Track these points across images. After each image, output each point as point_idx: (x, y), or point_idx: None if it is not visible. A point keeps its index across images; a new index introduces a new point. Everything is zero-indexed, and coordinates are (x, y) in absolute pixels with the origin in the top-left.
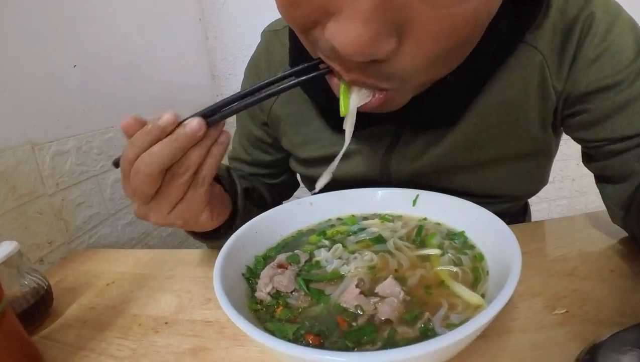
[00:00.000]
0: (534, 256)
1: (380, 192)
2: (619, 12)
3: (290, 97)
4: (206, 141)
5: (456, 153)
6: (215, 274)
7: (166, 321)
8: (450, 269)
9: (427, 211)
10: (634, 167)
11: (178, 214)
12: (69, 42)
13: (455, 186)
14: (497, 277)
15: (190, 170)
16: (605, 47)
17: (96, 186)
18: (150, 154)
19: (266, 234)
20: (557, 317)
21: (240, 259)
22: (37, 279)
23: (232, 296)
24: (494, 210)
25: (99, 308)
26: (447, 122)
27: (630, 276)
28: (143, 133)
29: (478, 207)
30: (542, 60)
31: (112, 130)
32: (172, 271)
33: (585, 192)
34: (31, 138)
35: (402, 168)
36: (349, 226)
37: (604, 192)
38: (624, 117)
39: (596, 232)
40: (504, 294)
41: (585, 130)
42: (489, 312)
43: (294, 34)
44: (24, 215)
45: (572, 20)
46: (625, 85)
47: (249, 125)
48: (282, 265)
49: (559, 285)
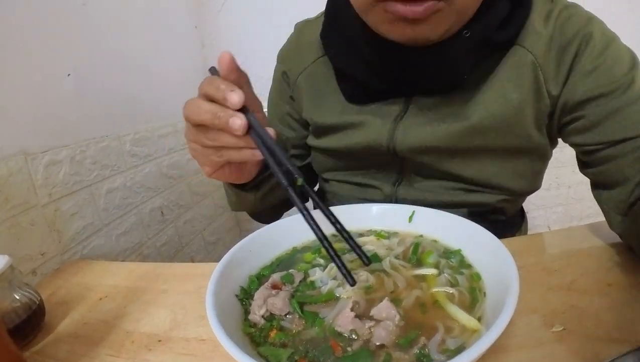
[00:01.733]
0: (531, 270)
1: (374, 207)
2: (615, 36)
3: (315, 70)
4: (240, 142)
5: (457, 136)
6: (208, 298)
7: (159, 339)
8: (447, 290)
9: (423, 227)
10: (627, 172)
11: (200, 161)
12: (62, 50)
13: (453, 170)
14: (495, 298)
15: (215, 143)
16: (602, 61)
17: (90, 196)
18: (199, 104)
19: (260, 251)
20: (555, 334)
21: (234, 279)
22: (28, 293)
23: (226, 318)
24: (489, 200)
25: (92, 323)
26: (453, 85)
27: (628, 289)
28: (213, 85)
29: (474, 225)
30: (535, 62)
31: (106, 139)
32: (166, 284)
33: (581, 199)
34: (24, 148)
35: (407, 139)
36: (345, 243)
37: (600, 198)
38: (616, 122)
39: (594, 244)
40: (501, 321)
41: (581, 135)
42: (485, 341)
43: (329, 10)
44: (17, 226)
45: (571, 36)
46: (618, 93)
47: (278, 102)
48: (276, 285)
49: (557, 300)
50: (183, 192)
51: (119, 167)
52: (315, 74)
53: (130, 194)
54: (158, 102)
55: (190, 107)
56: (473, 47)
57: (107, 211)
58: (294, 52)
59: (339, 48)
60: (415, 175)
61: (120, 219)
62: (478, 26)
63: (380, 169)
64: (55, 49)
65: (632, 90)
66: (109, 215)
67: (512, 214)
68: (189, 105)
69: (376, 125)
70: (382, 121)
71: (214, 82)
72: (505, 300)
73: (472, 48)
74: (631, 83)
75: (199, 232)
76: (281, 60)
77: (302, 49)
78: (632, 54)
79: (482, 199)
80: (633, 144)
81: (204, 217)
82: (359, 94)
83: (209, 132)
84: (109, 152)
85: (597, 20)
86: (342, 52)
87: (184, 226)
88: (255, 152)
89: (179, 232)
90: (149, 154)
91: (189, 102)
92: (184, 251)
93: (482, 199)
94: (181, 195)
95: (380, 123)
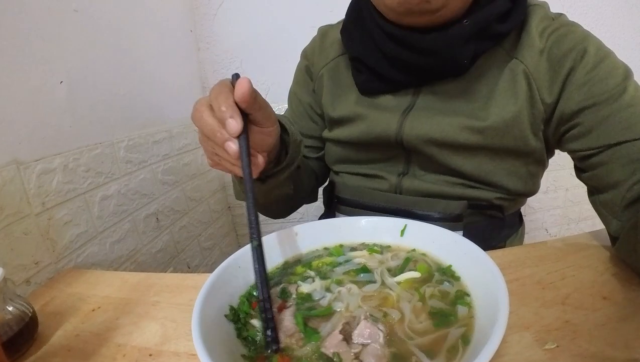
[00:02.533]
0: (526, 283)
1: (363, 220)
2: (610, 52)
3: (335, 66)
4: (233, 159)
5: (458, 131)
6: (193, 322)
7: (150, 353)
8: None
9: (415, 241)
10: (618, 175)
11: (205, 152)
12: (55, 58)
13: (454, 164)
14: (483, 321)
15: (213, 150)
16: (596, 73)
17: (84, 204)
18: (203, 115)
19: (250, 267)
20: (547, 352)
21: (223, 295)
22: (21, 305)
23: (213, 338)
24: (487, 196)
25: (84, 335)
26: (456, 73)
27: (623, 303)
28: (218, 101)
29: (466, 241)
30: (526, 71)
31: (99, 146)
32: (158, 295)
33: (578, 202)
34: (16, 157)
35: (413, 130)
36: (336, 257)
37: (596, 203)
38: (608, 128)
39: (591, 253)
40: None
41: (576, 142)
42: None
43: (351, 7)
44: (10, 236)
45: (567, 50)
46: (610, 101)
47: (302, 96)
48: (281, 306)
49: (551, 316)
50: (178, 198)
51: (113, 174)
52: (336, 69)
53: (125, 201)
54: (153, 107)
55: (196, 113)
56: (472, 35)
57: (102, 219)
58: (318, 49)
59: (357, 39)
60: (419, 168)
61: (114, 227)
62: (477, 16)
63: (387, 160)
64: (48, 56)
65: (623, 98)
66: (103, 222)
67: (510, 214)
68: (196, 110)
69: (386, 117)
70: (392, 114)
71: (220, 97)
72: (492, 330)
73: (471, 36)
74: (623, 92)
75: (195, 237)
76: (305, 56)
77: (325, 47)
78: (627, 68)
79: (480, 195)
80: (623, 148)
81: (200, 223)
82: (372, 85)
83: (209, 140)
84: (103, 159)
85: (594, 37)
86: (360, 42)
87: (179, 231)
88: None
89: (174, 238)
90: (143, 160)
91: (196, 107)
92: (179, 257)
93: (480, 195)
94: (176, 201)
95: (390, 115)
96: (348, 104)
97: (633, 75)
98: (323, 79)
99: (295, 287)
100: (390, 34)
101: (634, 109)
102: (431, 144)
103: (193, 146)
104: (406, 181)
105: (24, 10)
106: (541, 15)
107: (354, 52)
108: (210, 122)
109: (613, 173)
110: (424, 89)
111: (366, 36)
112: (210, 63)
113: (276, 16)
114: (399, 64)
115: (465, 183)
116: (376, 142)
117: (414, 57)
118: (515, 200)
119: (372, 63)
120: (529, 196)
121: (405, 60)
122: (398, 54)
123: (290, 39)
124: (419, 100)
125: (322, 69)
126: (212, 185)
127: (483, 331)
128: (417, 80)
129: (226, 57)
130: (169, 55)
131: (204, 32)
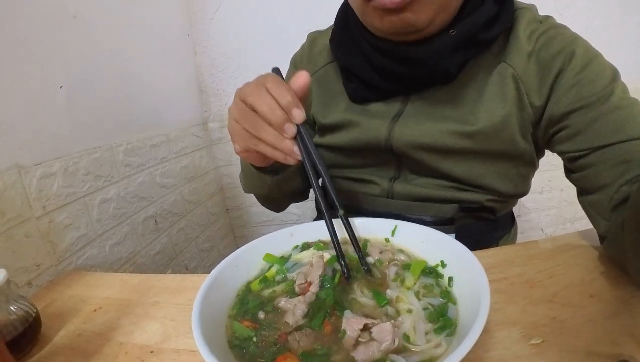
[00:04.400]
0: (515, 281)
1: (356, 221)
2: (598, 54)
3: (324, 74)
4: (278, 142)
5: (447, 136)
6: (194, 318)
7: (151, 350)
8: None
9: (405, 241)
10: (606, 177)
11: (234, 139)
12: (54, 63)
13: (444, 168)
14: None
15: (256, 133)
16: (584, 76)
17: (83, 207)
18: (263, 93)
19: (246, 267)
20: (534, 347)
21: (220, 297)
22: (25, 306)
23: (213, 338)
24: (478, 199)
25: (86, 335)
26: (444, 81)
27: (610, 300)
28: (280, 90)
29: (455, 242)
30: (515, 74)
31: (99, 150)
32: (158, 296)
33: (573, 201)
34: (17, 161)
35: (403, 136)
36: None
37: (585, 204)
38: (595, 130)
39: (580, 252)
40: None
41: (564, 144)
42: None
43: (338, 16)
44: (11, 239)
45: (555, 53)
46: (598, 104)
47: None
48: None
49: (538, 313)
50: (176, 201)
51: (112, 177)
52: (325, 77)
53: (124, 204)
54: (150, 111)
55: (255, 90)
56: (459, 44)
57: (101, 222)
58: (307, 57)
59: (345, 49)
60: (410, 173)
61: (114, 229)
62: (464, 24)
63: (378, 165)
64: (47, 61)
65: (610, 101)
66: (102, 225)
67: (502, 214)
68: (254, 88)
69: (375, 124)
70: (382, 120)
71: (281, 87)
72: (473, 324)
73: (458, 45)
74: (610, 94)
75: (193, 240)
76: (294, 64)
77: (314, 54)
78: (614, 69)
79: (471, 198)
80: (611, 150)
81: (198, 225)
82: (362, 93)
83: (257, 120)
84: (102, 163)
85: (582, 39)
86: (348, 53)
87: (177, 234)
88: (288, 157)
89: (172, 240)
90: (141, 163)
91: (254, 86)
92: (178, 259)
93: (471, 198)
94: (174, 203)
95: (379, 122)
96: (338, 111)
97: (620, 76)
98: (312, 87)
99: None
100: (377, 47)
101: (622, 111)
102: (421, 150)
103: (190, 149)
104: (398, 186)
105: (24, 16)
106: (529, 18)
107: (343, 62)
108: (271, 100)
109: (601, 175)
110: (413, 95)
111: (354, 46)
112: (207, 67)
113: (272, 20)
114: (387, 74)
115: (457, 186)
116: (367, 148)
117: (401, 68)
118: (507, 201)
119: (361, 73)
120: (520, 197)
121: (393, 71)
122: (386, 65)
123: (286, 43)
124: (408, 106)
125: (311, 77)
126: (209, 188)
127: (466, 325)
128: (405, 88)
129: (223, 60)
130: (166, 60)
131: (201, 36)
